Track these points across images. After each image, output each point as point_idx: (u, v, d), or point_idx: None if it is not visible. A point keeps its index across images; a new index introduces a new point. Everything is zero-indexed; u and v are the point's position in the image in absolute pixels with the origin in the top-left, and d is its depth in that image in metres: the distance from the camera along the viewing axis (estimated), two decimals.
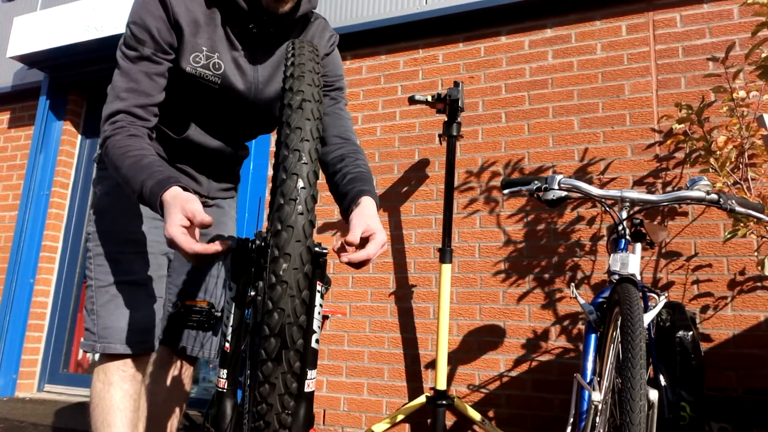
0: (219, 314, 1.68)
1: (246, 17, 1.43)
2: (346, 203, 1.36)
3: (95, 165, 1.62)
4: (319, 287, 1.14)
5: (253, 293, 1.16)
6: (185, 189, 1.21)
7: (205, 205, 1.70)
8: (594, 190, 1.88)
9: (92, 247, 1.50)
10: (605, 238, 2.65)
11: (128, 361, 1.45)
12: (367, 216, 1.25)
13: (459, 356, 3.01)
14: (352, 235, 1.20)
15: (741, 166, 2.37)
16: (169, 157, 1.56)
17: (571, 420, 1.77)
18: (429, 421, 2.95)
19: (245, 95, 1.51)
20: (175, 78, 1.44)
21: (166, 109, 1.49)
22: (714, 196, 1.81)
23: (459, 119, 2.94)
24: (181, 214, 1.13)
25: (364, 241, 1.21)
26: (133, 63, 1.38)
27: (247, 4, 1.41)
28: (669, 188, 2.78)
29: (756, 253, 2.54)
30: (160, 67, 1.40)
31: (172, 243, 1.12)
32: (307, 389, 1.09)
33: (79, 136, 4.68)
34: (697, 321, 2.59)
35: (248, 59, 1.49)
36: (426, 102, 2.96)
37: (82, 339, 1.48)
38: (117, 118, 1.37)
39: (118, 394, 1.42)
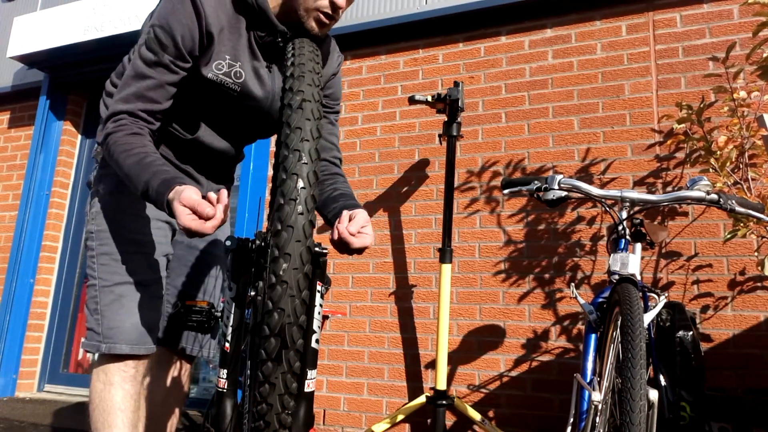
0: (219, 314, 1.68)
1: (274, 32, 1.45)
2: (335, 211, 1.41)
3: (95, 162, 1.62)
4: (319, 287, 1.14)
5: (253, 293, 1.16)
6: None
7: None
8: (594, 190, 1.88)
9: (95, 246, 1.49)
10: (605, 238, 2.65)
11: (129, 361, 1.44)
12: (365, 220, 1.32)
13: (459, 356, 3.01)
14: (354, 223, 1.28)
15: (741, 166, 2.36)
16: (173, 157, 1.57)
17: (571, 420, 1.77)
18: (429, 421, 2.95)
19: (262, 104, 1.53)
20: (195, 82, 1.44)
21: (181, 109, 1.50)
22: (714, 196, 1.81)
23: (459, 119, 2.94)
24: (182, 206, 1.19)
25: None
26: (149, 67, 1.38)
27: (289, 25, 1.44)
28: (669, 188, 2.78)
29: (756, 253, 2.54)
30: (174, 76, 1.40)
31: (188, 232, 1.19)
32: (307, 389, 1.09)
33: (79, 136, 4.68)
34: (697, 321, 2.59)
35: (268, 69, 1.51)
36: (426, 102, 2.96)
37: (83, 339, 1.47)
38: (120, 117, 1.38)
39: (119, 395, 1.42)
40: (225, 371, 1.18)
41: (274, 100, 1.54)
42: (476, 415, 2.68)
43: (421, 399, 2.74)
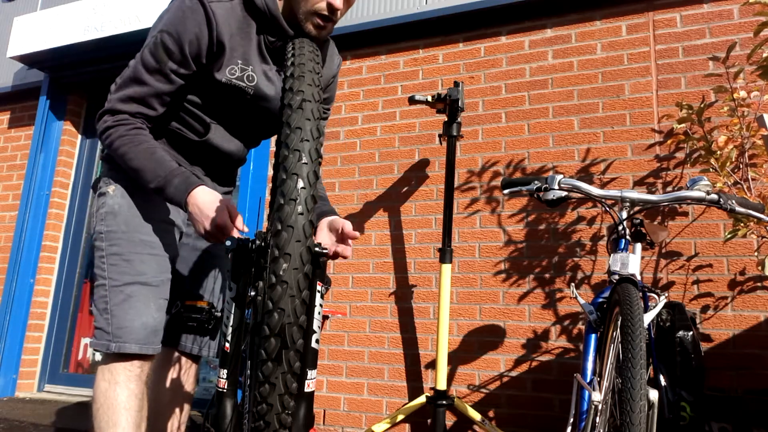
0: (219, 314, 1.68)
1: (284, 37, 1.49)
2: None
3: (105, 163, 1.62)
4: (319, 287, 1.14)
5: (253, 293, 1.16)
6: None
7: None
8: (594, 190, 1.88)
9: (105, 246, 1.50)
10: (605, 238, 2.65)
11: (135, 361, 1.45)
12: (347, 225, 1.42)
13: (459, 356, 3.01)
14: (348, 231, 1.38)
15: (741, 166, 2.36)
16: (183, 159, 1.59)
17: (571, 420, 1.77)
18: (429, 421, 2.94)
19: (274, 103, 1.57)
20: (209, 86, 1.48)
21: (195, 111, 1.54)
22: (714, 196, 1.81)
23: (459, 119, 2.93)
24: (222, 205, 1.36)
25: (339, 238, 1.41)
26: (149, 73, 1.43)
27: (291, 28, 1.49)
28: (669, 188, 2.78)
29: (756, 253, 2.54)
30: (170, 86, 1.46)
31: (221, 227, 1.34)
32: (307, 389, 1.09)
33: (79, 136, 4.68)
34: (697, 321, 2.59)
35: (276, 72, 1.56)
36: (426, 102, 2.96)
37: (90, 338, 1.49)
38: (118, 115, 1.46)
39: (124, 394, 1.43)
40: (225, 371, 1.18)
41: None
42: (476, 415, 2.68)
43: (421, 399, 2.74)
